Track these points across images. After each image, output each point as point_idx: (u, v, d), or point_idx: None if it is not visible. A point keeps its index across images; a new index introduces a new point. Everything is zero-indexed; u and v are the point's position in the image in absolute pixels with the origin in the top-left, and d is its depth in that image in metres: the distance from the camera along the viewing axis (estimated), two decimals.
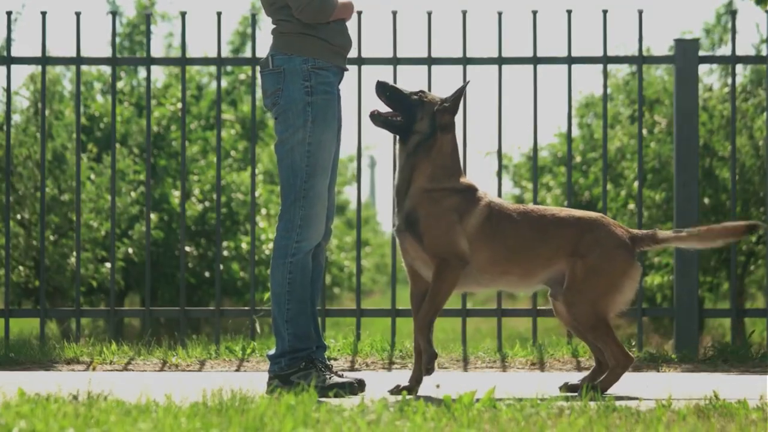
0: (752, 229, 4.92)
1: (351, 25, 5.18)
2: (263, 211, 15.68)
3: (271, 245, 13.22)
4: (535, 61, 7.04)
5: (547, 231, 4.89)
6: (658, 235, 4.92)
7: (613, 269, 4.85)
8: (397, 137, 5.02)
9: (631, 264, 4.88)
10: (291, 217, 4.94)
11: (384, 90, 5.00)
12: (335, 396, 4.83)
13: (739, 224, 4.93)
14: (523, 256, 4.88)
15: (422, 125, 4.92)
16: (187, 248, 14.76)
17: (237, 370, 6.12)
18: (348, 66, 5.14)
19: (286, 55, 4.96)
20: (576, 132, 16.14)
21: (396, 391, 4.87)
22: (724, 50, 15.55)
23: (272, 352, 5.00)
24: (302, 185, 4.93)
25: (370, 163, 69.81)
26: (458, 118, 5.08)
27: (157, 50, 19.46)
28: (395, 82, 6.95)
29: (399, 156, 4.99)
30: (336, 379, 4.94)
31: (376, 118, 4.99)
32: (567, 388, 5.01)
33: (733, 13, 7.14)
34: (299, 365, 4.93)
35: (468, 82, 5.07)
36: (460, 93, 4.98)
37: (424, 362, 4.82)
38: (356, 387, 4.92)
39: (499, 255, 4.86)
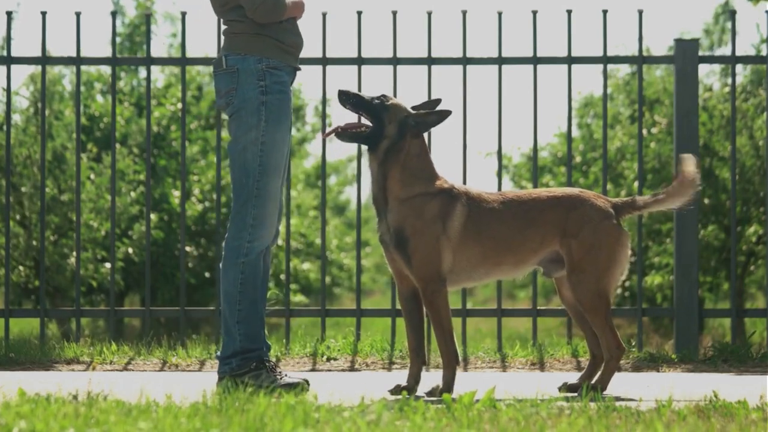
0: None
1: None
2: None
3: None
4: (535, 61, 7.03)
5: (531, 216, 4.90)
6: (637, 202, 4.98)
7: (607, 242, 4.88)
8: (366, 147, 4.94)
9: (621, 232, 4.92)
10: (243, 217, 4.92)
11: (347, 98, 4.94)
12: None
13: (687, 162, 4.93)
14: (513, 245, 4.89)
15: (391, 129, 4.89)
16: (187, 248, 14.76)
17: None
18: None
19: (239, 55, 4.95)
20: (576, 132, 16.15)
21: (396, 390, 4.88)
22: (724, 50, 15.55)
23: (221, 353, 4.98)
24: (254, 185, 4.91)
25: None
26: (458, 119, 5.06)
27: (157, 50, 19.46)
28: (395, 82, 6.96)
29: (370, 165, 4.93)
30: (287, 379, 4.93)
31: (342, 135, 4.93)
32: (566, 388, 5.02)
33: (732, 14, 7.14)
34: (250, 365, 4.92)
35: (450, 112, 4.93)
36: (436, 121, 4.89)
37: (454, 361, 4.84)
38: (306, 386, 4.89)
39: (488, 249, 4.87)
